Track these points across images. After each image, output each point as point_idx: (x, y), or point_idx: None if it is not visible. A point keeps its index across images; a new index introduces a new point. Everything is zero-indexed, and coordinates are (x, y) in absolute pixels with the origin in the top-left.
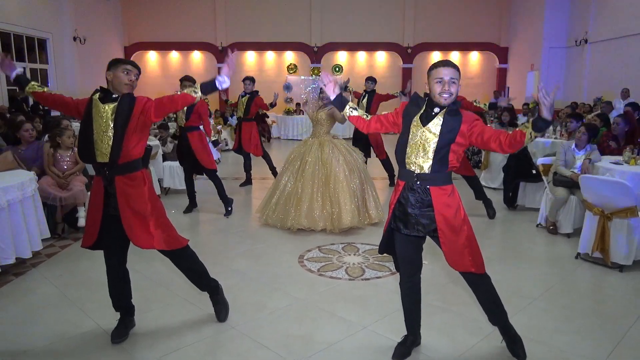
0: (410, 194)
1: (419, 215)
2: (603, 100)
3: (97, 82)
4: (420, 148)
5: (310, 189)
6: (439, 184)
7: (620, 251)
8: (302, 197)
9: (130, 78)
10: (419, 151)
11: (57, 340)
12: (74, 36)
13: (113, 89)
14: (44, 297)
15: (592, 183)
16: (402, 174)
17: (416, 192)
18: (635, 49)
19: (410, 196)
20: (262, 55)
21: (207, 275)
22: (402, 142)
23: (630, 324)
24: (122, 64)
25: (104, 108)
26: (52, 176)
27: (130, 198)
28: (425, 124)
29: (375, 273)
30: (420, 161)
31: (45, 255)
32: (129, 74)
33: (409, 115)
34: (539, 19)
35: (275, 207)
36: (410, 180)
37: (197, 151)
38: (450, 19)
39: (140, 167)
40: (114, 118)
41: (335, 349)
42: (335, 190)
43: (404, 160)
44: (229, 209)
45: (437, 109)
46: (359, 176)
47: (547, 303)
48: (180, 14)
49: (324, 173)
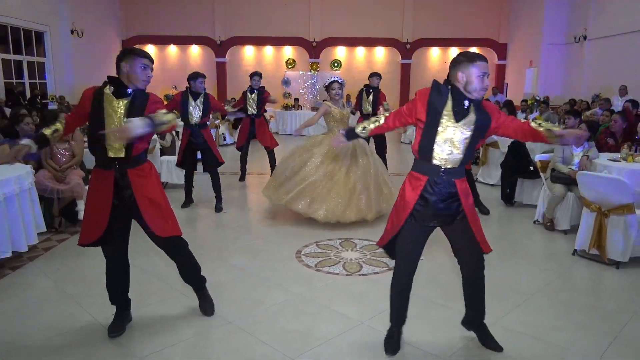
0: (436, 187)
1: (444, 208)
2: (601, 97)
3: (94, 76)
4: (449, 143)
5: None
6: (461, 176)
7: (616, 248)
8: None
9: (148, 74)
10: (448, 146)
11: (54, 334)
12: (72, 29)
13: (127, 81)
14: (41, 292)
15: (589, 180)
16: (425, 169)
17: (441, 185)
18: (634, 46)
19: (435, 189)
20: (260, 50)
21: (200, 269)
22: (428, 137)
23: (627, 320)
24: (140, 57)
25: (117, 103)
26: (49, 169)
27: (145, 188)
28: (459, 120)
29: (372, 269)
30: (448, 156)
31: (42, 249)
32: (146, 70)
33: (435, 106)
34: (538, 15)
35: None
36: (435, 175)
37: (213, 146)
38: (449, 15)
39: (146, 158)
40: (128, 115)
41: (333, 344)
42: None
43: (430, 155)
44: (221, 205)
45: (467, 102)
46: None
47: (544, 299)
48: (179, 7)
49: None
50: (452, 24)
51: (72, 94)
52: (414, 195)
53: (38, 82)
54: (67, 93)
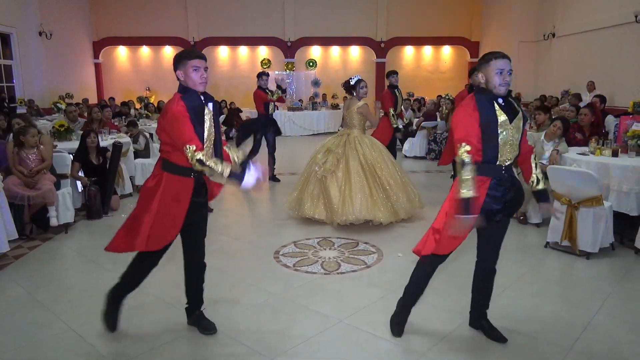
0: (500, 186)
1: (514, 199)
2: (570, 93)
3: (65, 78)
4: (509, 144)
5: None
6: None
7: (587, 239)
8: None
9: (202, 74)
10: (508, 147)
11: (26, 343)
12: (40, 31)
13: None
14: (12, 300)
15: (559, 173)
16: (488, 170)
17: (505, 181)
18: (600, 43)
19: (500, 188)
20: (235, 50)
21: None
22: (492, 142)
23: (597, 308)
24: (189, 60)
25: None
26: (18, 175)
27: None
28: (512, 121)
29: (350, 267)
30: (509, 156)
31: (12, 257)
32: (199, 70)
33: (486, 110)
34: (509, 13)
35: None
36: (498, 174)
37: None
38: (423, 14)
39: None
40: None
41: (311, 343)
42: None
43: (495, 159)
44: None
45: (501, 100)
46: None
47: (517, 291)
48: (150, 7)
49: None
50: (425, 23)
51: (42, 97)
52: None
53: (5, 85)
54: (37, 96)
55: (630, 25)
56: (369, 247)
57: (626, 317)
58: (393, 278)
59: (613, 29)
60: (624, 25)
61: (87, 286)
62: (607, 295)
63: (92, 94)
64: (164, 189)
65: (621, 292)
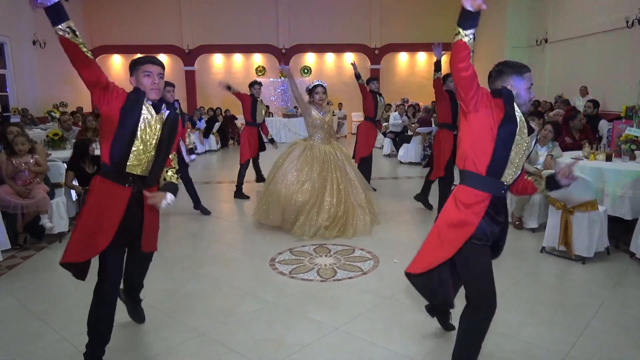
0: (498, 203)
1: (504, 222)
2: (563, 98)
3: (59, 87)
4: (517, 159)
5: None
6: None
7: (582, 244)
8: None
9: (154, 80)
10: (515, 161)
11: (19, 354)
12: (34, 40)
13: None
14: (5, 311)
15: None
16: (488, 185)
17: (501, 200)
18: (592, 48)
19: (498, 205)
20: (229, 57)
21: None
22: (503, 155)
23: (593, 314)
24: (140, 65)
25: (155, 118)
26: (11, 185)
27: (153, 207)
28: (529, 134)
29: (347, 274)
30: (513, 172)
31: (5, 267)
32: (151, 76)
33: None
34: (501, 19)
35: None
36: (499, 191)
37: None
38: (416, 21)
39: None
40: (163, 134)
41: (308, 350)
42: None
43: (500, 173)
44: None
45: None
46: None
47: (513, 296)
48: (145, 16)
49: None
50: (419, 29)
51: (36, 106)
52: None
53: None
54: (31, 105)
55: (621, 30)
56: (365, 253)
57: (622, 321)
58: (389, 284)
59: (605, 34)
60: (615, 30)
61: (81, 296)
62: (603, 300)
63: (86, 102)
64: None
65: (617, 297)
